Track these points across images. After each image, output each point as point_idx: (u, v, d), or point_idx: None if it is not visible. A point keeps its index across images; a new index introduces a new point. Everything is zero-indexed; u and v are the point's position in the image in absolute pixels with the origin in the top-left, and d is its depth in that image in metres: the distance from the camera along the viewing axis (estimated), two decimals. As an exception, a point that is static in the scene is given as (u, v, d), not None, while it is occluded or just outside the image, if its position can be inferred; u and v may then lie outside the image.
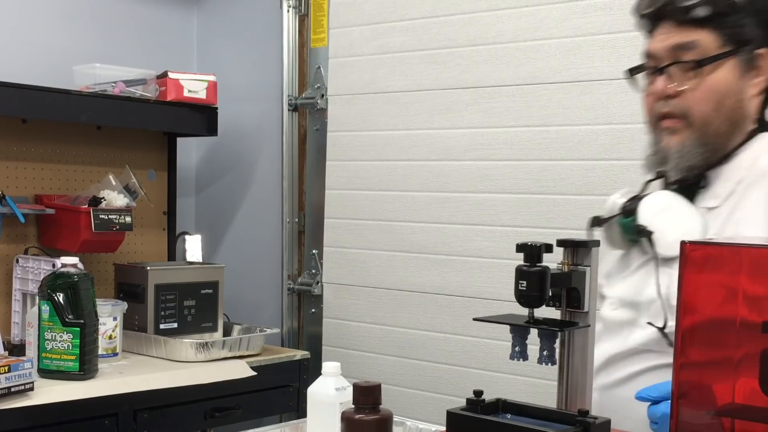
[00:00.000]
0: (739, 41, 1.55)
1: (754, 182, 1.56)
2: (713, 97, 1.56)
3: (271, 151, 3.24)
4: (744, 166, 1.58)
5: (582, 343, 1.48)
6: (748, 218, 1.54)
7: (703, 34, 1.55)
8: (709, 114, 1.56)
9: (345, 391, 1.52)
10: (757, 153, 1.59)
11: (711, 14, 1.53)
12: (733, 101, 1.57)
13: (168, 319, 2.67)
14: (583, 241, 1.49)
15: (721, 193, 1.59)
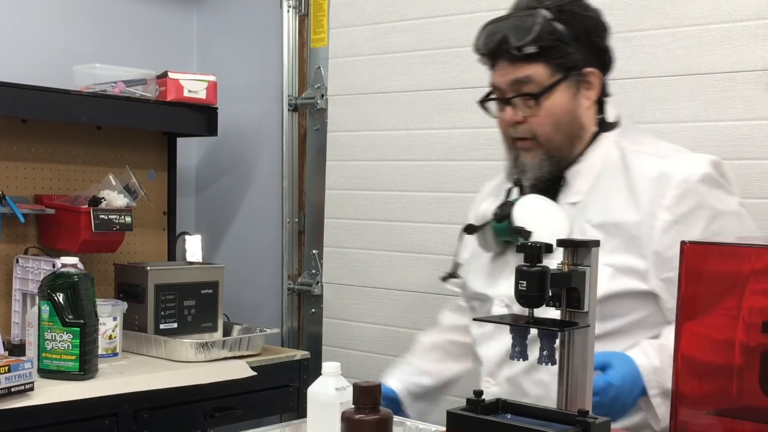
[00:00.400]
0: (567, 67, 1.77)
1: (609, 174, 1.79)
2: (552, 119, 1.78)
3: (271, 151, 3.24)
4: (597, 163, 1.81)
5: (582, 343, 1.48)
6: (613, 205, 1.75)
7: (536, 68, 1.76)
8: (551, 133, 1.79)
9: (345, 391, 1.52)
10: (604, 150, 1.82)
11: (539, 50, 1.74)
12: (569, 119, 1.80)
13: (168, 319, 2.67)
14: (583, 241, 1.49)
15: (581, 188, 1.80)
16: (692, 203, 1.71)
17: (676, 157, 1.78)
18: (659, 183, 1.72)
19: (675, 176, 1.71)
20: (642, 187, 1.74)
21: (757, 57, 2.17)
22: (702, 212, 1.71)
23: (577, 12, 1.78)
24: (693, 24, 2.26)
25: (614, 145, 1.82)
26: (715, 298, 1.48)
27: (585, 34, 1.79)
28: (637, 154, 1.79)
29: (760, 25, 2.16)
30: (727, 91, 2.21)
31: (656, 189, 1.72)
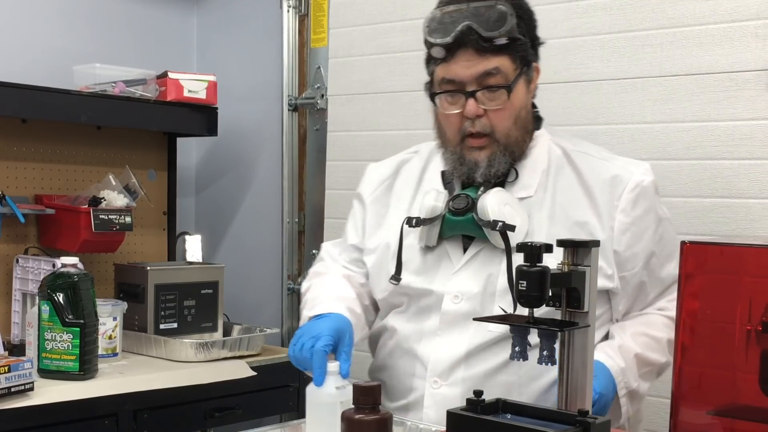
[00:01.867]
0: (525, 61, 1.76)
1: (558, 171, 1.80)
2: (514, 113, 1.77)
3: (271, 151, 3.24)
4: (542, 159, 1.81)
5: (582, 343, 1.48)
6: (568, 201, 1.77)
7: (502, 60, 1.73)
8: (510, 128, 1.77)
9: (345, 389, 1.51)
10: (545, 146, 1.83)
11: (507, 42, 1.71)
12: (525, 112, 1.80)
13: (168, 319, 2.67)
14: (583, 241, 1.49)
15: (531, 184, 1.80)
16: (644, 207, 1.77)
17: (620, 161, 1.83)
18: (613, 186, 1.77)
19: (629, 180, 1.77)
20: (597, 189, 1.77)
21: (757, 57, 2.17)
22: (652, 216, 1.79)
23: (526, 6, 1.78)
24: (693, 24, 2.26)
25: (551, 142, 1.84)
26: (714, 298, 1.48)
27: (533, 29, 1.80)
28: (582, 155, 1.82)
29: (760, 25, 2.16)
30: (727, 91, 2.21)
31: (611, 192, 1.76)
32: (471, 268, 1.79)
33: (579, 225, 1.76)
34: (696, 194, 2.26)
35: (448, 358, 1.78)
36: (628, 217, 1.76)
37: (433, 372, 1.79)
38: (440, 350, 1.79)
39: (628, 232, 1.76)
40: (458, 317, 1.78)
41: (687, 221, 2.26)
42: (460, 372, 1.77)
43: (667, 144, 2.30)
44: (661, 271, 1.83)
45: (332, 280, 1.95)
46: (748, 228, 2.17)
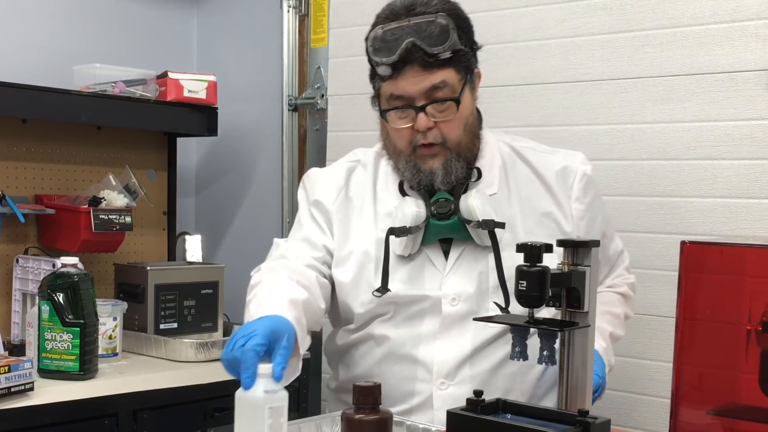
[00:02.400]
0: (468, 70, 1.80)
1: (512, 166, 1.88)
2: (463, 121, 1.81)
3: (271, 151, 3.24)
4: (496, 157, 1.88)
5: (582, 343, 1.48)
6: (530, 194, 1.86)
7: (447, 73, 1.75)
8: (460, 135, 1.81)
9: (276, 394, 1.40)
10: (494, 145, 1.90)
11: (451, 56, 1.74)
12: (472, 118, 1.84)
13: (168, 319, 2.67)
14: (583, 241, 1.49)
15: (492, 182, 1.85)
16: (593, 193, 1.90)
17: (562, 152, 1.93)
18: (564, 177, 1.87)
19: (576, 170, 1.88)
20: (552, 181, 1.87)
21: (757, 57, 2.17)
22: (599, 201, 1.93)
23: (462, 15, 1.80)
24: (693, 24, 2.26)
25: (497, 139, 1.92)
26: (714, 298, 1.48)
27: (471, 35, 1.82)
28: (529, 150, 1.91)
29: (760, 25, 2.17)
30: (727, 91, 2.21)
31: (563, 182, 1.87)
32: (460, 269, 1.82)
33: (546, 216, 1.84)
34: (696, 194, 2.26)
35: (453, 358, 1.80)
36: (583, 204, 1.87)
37: (439, 374, 1.81)
38: (444, 352, 1.81)
39: (585, 218, 1.86)
40: (457, 318, 1.81)
41: (687, 221, 2.26)
42: (466, 370, 1.81)
43: (667, 144, 2.30)
44: (609, 249, 1.96)
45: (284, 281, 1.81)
46: (748, 228, 2.17)
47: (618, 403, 2.35)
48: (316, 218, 1.93)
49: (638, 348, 2.34)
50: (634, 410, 2.34)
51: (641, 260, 2.33)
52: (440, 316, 1.81)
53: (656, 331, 2.30)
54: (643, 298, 2.32)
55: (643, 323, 2.33)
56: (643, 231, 2.34)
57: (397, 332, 1.85)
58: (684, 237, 1.56)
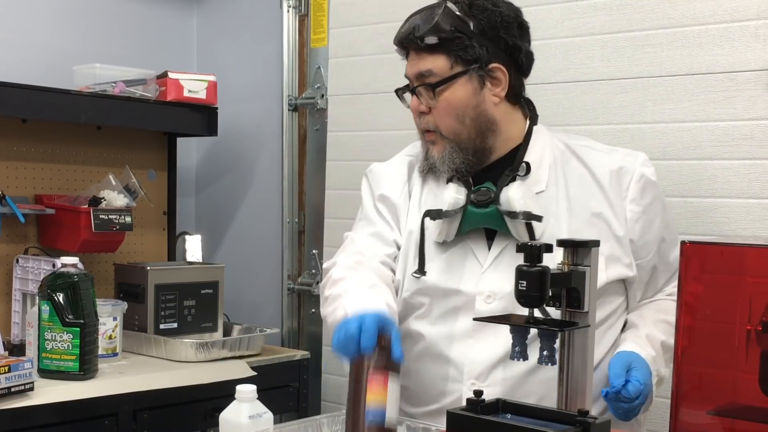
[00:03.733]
0: (468, 60, 1.77)
1: (565, 164, 1.84)
2: (452, 112, 1.79)
3: (271, 151, 3.24)
4: (547, 154, 1.84)
5: (582, 343, 1.48)
6: (581, 194, 1.80)
7: (437, 60, 1.78)
8: (454, 126, 1.80)
9: (261, 418, 1.39)
10: (547, 142, 1.86)
11: (439, 41, 1.75)
12: (474, 112, 1.80)
13: (168, 319, 2.67)
14: (583, 241, 1.49)
15: (540, 179, 1.82)
16: (652, 195, 1.84)
17: (622, 151, 1.88)
18: (620, 177, 1.81)
19: (634, 171, 1.82)
20: (605, 181, 1.81)
21: (757, 57, 2.17)
22: (658, 203, 1.86)
23: (486, 6, 1.79)
24: (693, 24, 2.26)
25: (555, 138, 1.88)
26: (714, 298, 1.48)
27: (492, 29, 1.79)
28: (586, 148, 1.86)
29: (760, 25, 2.16)
30: (727, 91, 2.21)
31: (619, 182, 1.81)
32: (500, 266, 1.78)
33: (596, 216, 1.79)
34: (696, 194, 2.26)
35: (486, 359, 1.77)
36: (639, 206, 1.81)
37: (470, 374, 1.78)
38: (476, 352, 1.78)
39: (640, 220, 1.81)
40: None
41: (687, 221, 2.26)
42: (499, 372, 1.76)
43: (667, 144, 2.30)
44: (670, 255, 1.86)
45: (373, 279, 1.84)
46: (748, 228, 2.17)
47: (618, 403, 2.35)
48: (383, 213, 1.95)
49: (638, 348, 2.34)
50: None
51: (641, 260, 2.33)
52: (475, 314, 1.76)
53: (656, 331, 2.30)
54: (643, 298, 2.32)
55: (643, 323, 2.32)
56: (643, 231, 2.33)
57: (433, 329, 1.83)
58: (684, 237, 1.56)
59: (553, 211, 1.79)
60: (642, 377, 1.65)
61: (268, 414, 1.38)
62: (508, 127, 1.85)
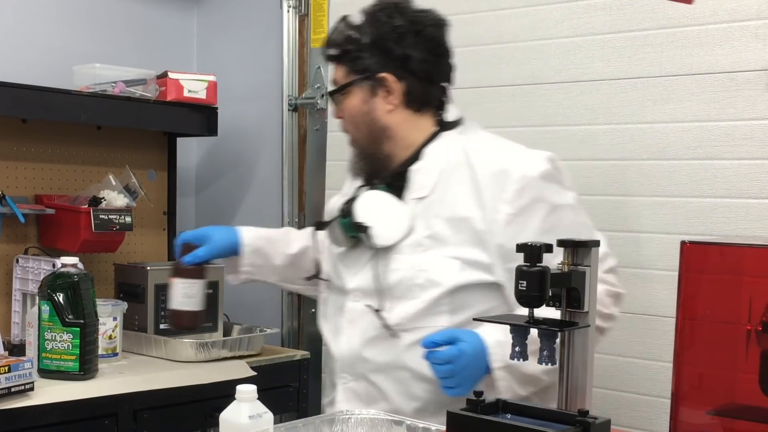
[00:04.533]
0: (359, 70, 1.89)
1: (454, 170, 1.86)
2: (350, 119, 1.93)
3: (271, 151, 3.24)
4: (440, 160, 1.88)
5: (582, 343, 1.48)
6: (459, 200, 1.83)
7: (339, 70, 1.93)
8: (353, 133, 1.94)
9: (261, 418, 1.40)
10: (446, 147, 1.90)
11: (339, 53, 1.90)
12: (367, 119, 1.91)
13: (168, 319, 2.67)
14: (583, 241, 1.49)
15: (425, 184, 1.87)
16: (531, 197, 1.80)
17: (515, 153, 1.88)
18: (500, 178, 1.81)
19: (514, 172, 1.80)
20: (484, 183, 1.82)
21: (757, 57, 2.17)
22: (540, 205, 1.81)
23: (379, 18, 1.88)
24: (693, 24, 2.26)
25: (457, 142, 1.91)
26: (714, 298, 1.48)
27: (382, 41, 1.87)
28: (479, 152, 1.88)
29: (760, 25, 2.17)
30: (727, 91, 2.21)
31: (497, 184, 1.81)
32: (370, 266, 1.89)
33: (461, 219, 1.82)
34: (696, 194, 2.26)
35: (348, 353, 1.91)
36: (512, 208, 1.79)
37: (341, 369, 1.93)
38: (342, 347, 1.93)
39: (513, 223, 1.79)
40: (357, 314, 1.90)
41: (687, 221, 2.26)
42: (360, 367, 1.90)
43: (667, 144, 2.30)
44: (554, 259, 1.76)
45: None
46: (748, 228, 2.17)
47: (618, 403, 2.35)
48: None
49: (638, 348, 2.34)
50: (634, 410, 2.34)
51: (641, 260, 2.33)
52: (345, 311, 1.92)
53: (656, 331, 2.30)
54: (643, 298, 2.32)
55: (643, 323, 2.33)
56: (643, 231, 2.34)
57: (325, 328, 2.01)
58: (684, 237, 1.56)
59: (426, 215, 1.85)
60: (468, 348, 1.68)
61: (268, 414, 1.38)
62: (408, 134, 1.91)
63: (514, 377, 1.74)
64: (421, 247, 1.84)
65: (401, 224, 1.84)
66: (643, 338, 2.33)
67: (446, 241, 1.82)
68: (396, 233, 1.84)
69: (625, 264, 2.35)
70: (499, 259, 1.80)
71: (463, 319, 1.81)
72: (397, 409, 1.82)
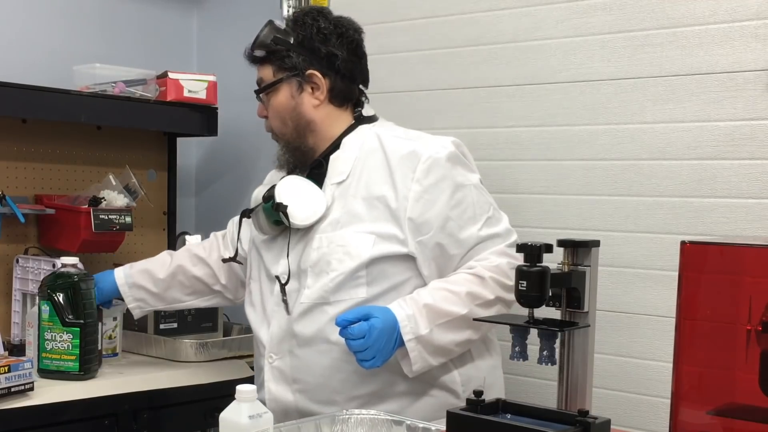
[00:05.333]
0: (287, 68, 2.06)
1: (368, 157, 2.02)
2: (277, 115, 2.09)
3: (271, 151, 3.21)
4: (355, 148, 2.04)
5: (582, 343, 1.48)
6: (373, 180, 1.98)
7: (265, 70, 2.11)
8: (280, 128, 2.09)
9: (261, 418, 1.40)
10: (361, 137, 2.05)
11: (265, 54, 2.08)
12: (293, 114, 2.07)
13: (168, 319, 2.67)
14: (583, 241, 1.49)
15: (343, 170, 2.02)
16: (438, 176, 1.95)
17: (424, 138, 2.05)
18: (410, 160, 1.97)
19: (423, 153, 1.96)
20: (395, 165, 1.97)
21: (757, 57, 2.17)
22: (446, 183, 1.96)
23: (305, 21, 2.07)
24: (693, 24, 2.26)
25: (371, 132, 2.07)
26: (714, 298, 1.48)
27: (309, 41, 2.06)
28: (392, 138, 2.04)
29: (760, 25, 2.17)
30: (727, 91, 2.21)
31: (407, 165, 1.96)
32: (294, 249, 2.02)
33: (377, 198, 1.97)
34: (696, 194, 2.26)
35: (277, 337, 2.03)
36: (421, 186, 1.94)
37: (270, 350, 2.04)
38: (273, 331, 2.03)
39: (421, 199, 1.94)
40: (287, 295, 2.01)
41: (687, 221, 2.26)
42: (285, 345, 2.01)
43: (667, 144, 2.30)
44: (461, 233, 1.97)
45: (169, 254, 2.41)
46: (748, 228, 2.17)
47: (618, 403, 2.35)
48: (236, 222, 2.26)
49: (638, 348, 2.34)
50: (634, 410, 2.34)
51: (641, 260, 2.33)
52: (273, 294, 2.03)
53: (656, 331, 2.30)
54: (643, 298, 2.32)
55: (643, 323, 2.33)
56: (643, 231, 2.34)
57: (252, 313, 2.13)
58: (684, 237, 1.56)
59: (344, 197, 1.99)
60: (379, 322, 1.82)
61: (268, 414, 1.38)
62: (330, 128, 2.08)
63: (425, 348, 1.89)
64: (338, 225, 1.97)
65: (318, 206, 1.98)
66: (643, 338, 2.33)
67: (362, 218, 1.96)
68: (312, 214, 1.97)
69: (625, 264, 2.35)
70: (411, 233, 1.93)
71: (379, 291, 1.94)
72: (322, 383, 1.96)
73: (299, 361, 1.99)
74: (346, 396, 1.95)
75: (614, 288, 2.36)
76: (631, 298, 2.35)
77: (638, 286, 2.33)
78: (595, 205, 2.41)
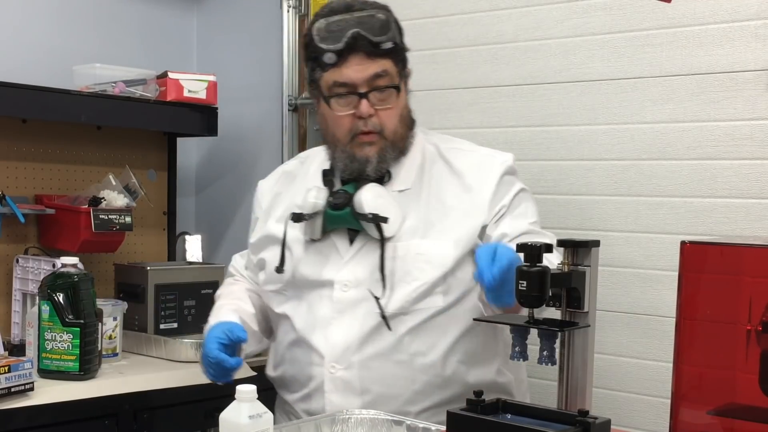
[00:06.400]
0: (404, 64, 1.95)
1: (432, 164, 1.98)
2: (399, 111, 1.94)
3: (271, 151, 3.24)
4: (418, 157, 1.98)
5: (582, 343, 1.48)
6: (442, 188, 1.94)
7: (388, 63, 1.90)
8: (397, 125, 1.94)
9: (261, 418, 1.39)
10: (421, 145, 2.00)
11: (392, 47, 1.89)
12: (407, 111, 1.98)
13: (168, 319, 2.67)
14: (583, 241, 1.49)
15: (407, 178, 1.96)
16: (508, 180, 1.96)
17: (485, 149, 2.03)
18: (483, 165, 1.96)
19: (495, 160, 1.97)
20: (468, 172, 1.95)
21: (757, 57, 2.17)
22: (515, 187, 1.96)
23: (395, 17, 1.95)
24: (693, 24, 2.26)
25: (426, 141, 2.02)
26: (714, 298, 1.48)
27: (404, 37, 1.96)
28: (453, 150, 2.00)
29: (760, 25, 2.17)
30: (727, 91, 2.21)
31: (480, 169, 1.95)
32: (358, 258, 1.92)
33: (452, 208, 1.91)
34: (696, 194, 2.26)
35: (343, 344, 1.89)
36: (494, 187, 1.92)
37: (331, 358, 1.91)
38: (335, 338, 1.91)
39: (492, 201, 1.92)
40: (349, 304, 1.91)
41: (687, 221, 2.26)
42: (354, 355, 1.89)
43: (667, 144, 2.30)
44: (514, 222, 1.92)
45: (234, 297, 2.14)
46: (748, 228, 2.18)
47: (618, 403, 2.35)
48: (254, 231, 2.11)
49: (638, 348, 2.34)
50: (634, 410, 2.34)
51: (641, 260, 2.33)
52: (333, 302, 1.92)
53: (656, 331, 2.30)
54: (643, 298, 2.33)
55: (643, 323, 2.33)
56: (643, 231, 2.34)
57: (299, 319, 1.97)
58: (684, 237, 1.56)
59: (413, 207, 1.92)
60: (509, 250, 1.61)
61: (268, 414, 1.38)
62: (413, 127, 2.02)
63: None
64: (416, 233, 1.90)
65: (396, 215, 1.90)
66: (643, 338, 2.33)
67: (435, 226, 1.90)
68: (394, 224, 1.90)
69: (625, 264, 2.35)
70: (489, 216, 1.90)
71: (453, 299, 1.89)
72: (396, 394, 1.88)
73: (370, 372, 1.89)
74: (420, 406, 1.88)
75: (614, 288, 2.36)
76: (631, 298, 2.35)
77: (638, 286, 2.33)
78: (595, 205, 2.42)
